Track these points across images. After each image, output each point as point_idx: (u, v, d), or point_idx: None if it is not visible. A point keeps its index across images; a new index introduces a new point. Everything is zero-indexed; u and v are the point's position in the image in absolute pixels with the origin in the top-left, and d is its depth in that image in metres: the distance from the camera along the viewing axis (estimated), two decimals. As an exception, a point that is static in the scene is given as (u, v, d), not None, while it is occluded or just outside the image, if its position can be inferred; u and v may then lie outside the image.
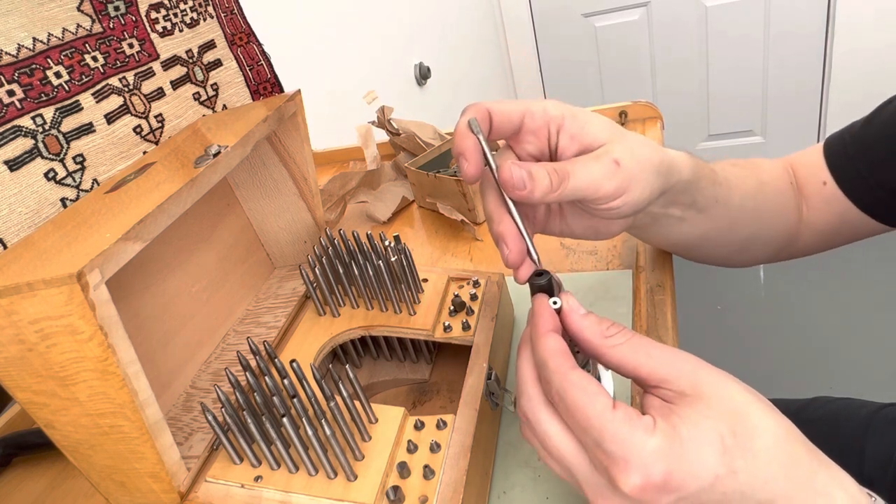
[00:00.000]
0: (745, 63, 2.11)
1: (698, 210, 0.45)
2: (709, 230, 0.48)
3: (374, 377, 0.52)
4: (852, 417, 0.66)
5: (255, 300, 0.54)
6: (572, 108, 0.36)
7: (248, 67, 0.72)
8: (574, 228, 0.41)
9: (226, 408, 0.35)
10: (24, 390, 0.32)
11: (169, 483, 0.35)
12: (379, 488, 0.34)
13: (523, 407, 0.31)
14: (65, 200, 0.50)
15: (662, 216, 0.43)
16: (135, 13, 0.58)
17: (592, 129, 0.36)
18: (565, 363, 0.29)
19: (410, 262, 0.47)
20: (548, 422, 0.30)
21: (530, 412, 0.31)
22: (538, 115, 0.36)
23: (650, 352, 0.29)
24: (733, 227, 0.50)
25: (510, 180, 0.33)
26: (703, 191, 0.44)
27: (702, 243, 0.50)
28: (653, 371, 0.29)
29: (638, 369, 0.29)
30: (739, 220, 0.50)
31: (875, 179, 0.50)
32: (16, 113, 0.47)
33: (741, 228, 0.50)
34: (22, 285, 0.29)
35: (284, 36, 1.11)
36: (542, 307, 0.32)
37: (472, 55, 2.07)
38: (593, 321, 0.31)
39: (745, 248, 0.54)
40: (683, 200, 0.43)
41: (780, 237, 0.55)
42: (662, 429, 0.27)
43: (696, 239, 0.49)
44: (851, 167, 0.51)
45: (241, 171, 0.55)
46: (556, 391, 0.29)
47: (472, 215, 0.72)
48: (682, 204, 0.43)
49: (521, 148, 0.37)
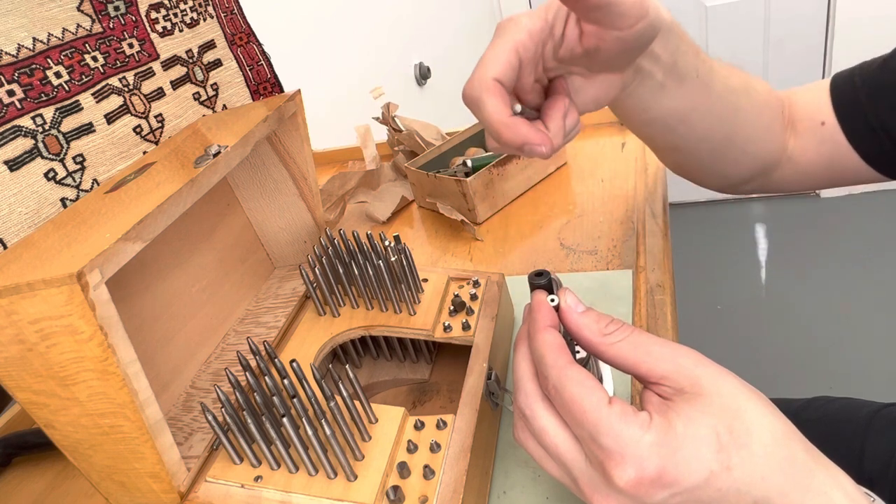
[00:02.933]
0: (745, 63, 2.10)
1: (679, 78, 0.45)
2: (686, 109, 0.47)
3: (374, 377, 0.52)
4: (852, 417, 0.66)
5: (255, 300, 0.54)
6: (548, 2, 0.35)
7: (248, 67, 0.72)
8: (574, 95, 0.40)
9: (226, 408, 0.35)
10: (24, 390, 0.32)
11: (169, 483, 0.35)
12: (379, 488, 0.34)
13: (520, 402, 0.31)
14: (65, 200, 0.50)
15: (647, 76, 0.43)
16: (135, 13, 0.58)
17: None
18: (562, 357, 0.29)
19: (410, 262, 0.47)
20: (544, 417, 0.30)
21: (527, 407, 0.31)
22: (526, 41, 0.35)
23: (650, 349, 0.29)
24: (710, 116, 0.48)
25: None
26: (684, 54, 0.44)
27: (679, 125, 0.49)
28: (652, 368, 0.29)
29: (637, 366, 0.29)
30: (718, 112, 0.49)
31: (882, 126, 0.48)
32: (16, 113, 0.47)
33: (721, 125, 0.49)
34: (22, 285, 0.29)
35: (284, 36, 1.11)
36: (540, 304, 0.32)
37: (472, 55, 2.07)
38: (592, 318, 0.31)
39: (721, 153, 0.52)
40: (665, 58, 0.43)
41: (758, 155, 0.53)
42: (658, 424, 0.27)
43: (674, 118, 0.48)
44: (858, 112, 0.50)
45: (241, 171, 0.55)
46: (553, 385, 0.29)
47: (472, 215, 0.72)
48: (663, 63, 0.43)
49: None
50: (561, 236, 0.66)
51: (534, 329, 0.31)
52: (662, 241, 0.59)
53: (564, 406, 0.28)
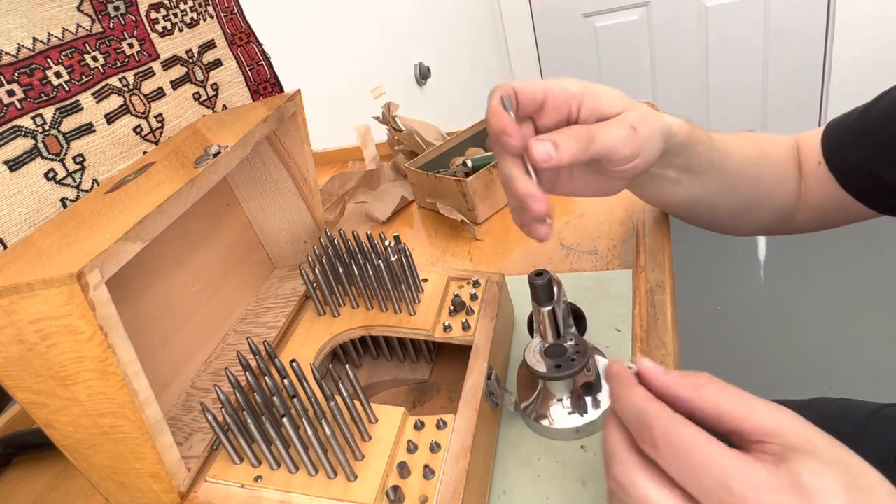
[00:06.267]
0: (745, 63, 2.11)
1: (692, 173, 0.49)
2: (703, 193, 0.51)
3: (374, 377, 0.52)
4: (850, 418, 0.66)
5: (255, 300, 0.54)
6: (588, 84, 0.41)
7: (248, 67, 0.72)
8: (580, 187, 0.45)
9: (226, 408, 0.35)
10: (24, 390, 0.32)
11: (169, 483, 0.35)
12: (379, 488, 0.34)
13: (615, 474, 0.29)
14: (65, 200, 0.50)
15: (660, 176, 0.48)
16: (135, 13, 0.58)
17: (609, 101, 0.40)
18: (665, 407, 0.28)
19: (410, 262, 0.47)
20: (646, 484, 0.27)
21: (624, 475, 0.28)
22: (559, 94, 0.39)
23: (752, 405, 0.27)
24: (729, 191, 0.52)
25: (538, 156, 0.37)
26: (698, 155, 0.47)
27: (697, 205, 0.54)
28: (758, 423, 0.27)
29: (740, 421, 0.27)
30: (736, 185, 0.52)
31: (865, 167, 0.51)
32: (16, 113, 0.47)
33: (738, 194, 0.53)
34: (22, 285, 0.29)
35: (284, 36, 1.11)
36: (620, 370, 0.31)
37: (472, 55, 2.07)
38: (678, 375, 0.29)
39: (742, 215, 0.56)
40: (678, 163, 0.47)
41: (777, 209, 0.56)
42: (784, 472, 0.25)
43: (692, 201, 0.52)
44: (842, 152, 0.53)
45: (241, 171, 0.55)
46: (662, 435, 0.27)
47: (472, 215, 0.72)
48: (676, 166, 0.47)
49: (542, 122, 0.41)
50: (561, 236, 0.66)
51: (623, 390, 0.30)
52: (662, 241, 0.59)
53: (679, 456, 0.26)
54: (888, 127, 0.49)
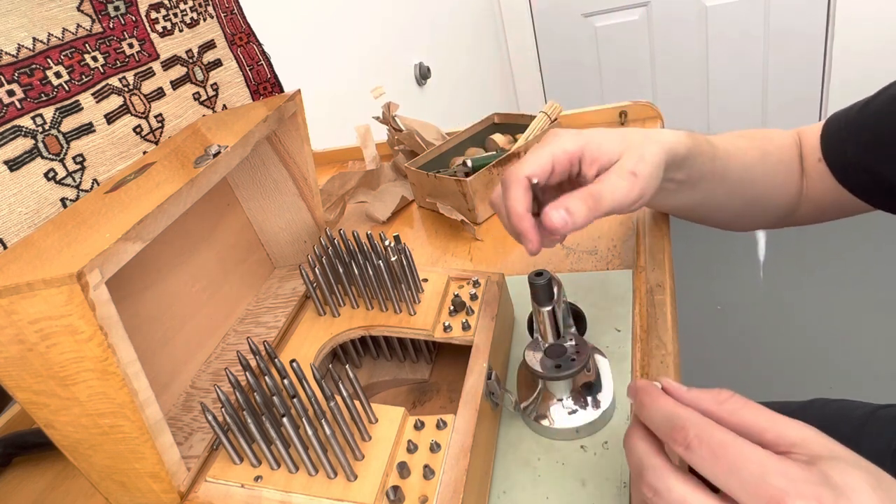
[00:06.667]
0: (745, 63, 2.11)
1: (693, 183, 0.49)
2: (704, 198, 0.52)
3: (374, 377, 0.52)
4: (848, 419, 0.66)
5: (255, 300, 0.54)
6: (584, 136, 0.41)
7: (248, 67, 0.72)
8: None
9: (226, 408, 0.35)
10: (24, 390, 0.32)
11: (169, 483, 0.35)
12: (379, 488, 0.34)
13: (650, 480, 0.29)
14: (65, 200, 0.50)
15: (661, 189, 0.47)
16: (135, 13, 0.58)
17: (606, 149, 0.41)
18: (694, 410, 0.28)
19: (410, 262, 0.47)
20: (681, 487, 0.28)
21: (659, 481, 0.28)
22: (562, 156, 0.41)
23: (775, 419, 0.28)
24: (731, 195, 0.53)
25: (556, 222, 0.37)
26: (700, 166, 0.48)
27: (697, 209, 0.55)
28: (782, 434, 0.27)
29: (765, 433, 0.28)
30: (738, 188, 0.53)
31: (863, 163, 0.51)
32: (16, 113, 0.47)
33: (739, 197, 0.54)
34: (22, 285, 0.29)
35: (284, 36, 1.11)
36: (645, 383, 0.31)
37: (472, 55, 2.07)
38: (700, 391, 0.30)
39: (744, 214, 0.57)
40: (678, 177, 0.47)
41: (780, 205, 0.57)
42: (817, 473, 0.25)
43: (692, 206, 0.53)
44: (841, 147, 0.53)
45: (241, 171, 0.55)
46: (696, 434, 0.27)
47: (472, 215, 0.72)
48: (677, 180, 0.48)
49: (548, 184, 0.42)
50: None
51: (649, 399, 0.30)
52: (662, 241, 0.59)
53: (714, 453, 0.27)
54: (886, 123, 0.49)
